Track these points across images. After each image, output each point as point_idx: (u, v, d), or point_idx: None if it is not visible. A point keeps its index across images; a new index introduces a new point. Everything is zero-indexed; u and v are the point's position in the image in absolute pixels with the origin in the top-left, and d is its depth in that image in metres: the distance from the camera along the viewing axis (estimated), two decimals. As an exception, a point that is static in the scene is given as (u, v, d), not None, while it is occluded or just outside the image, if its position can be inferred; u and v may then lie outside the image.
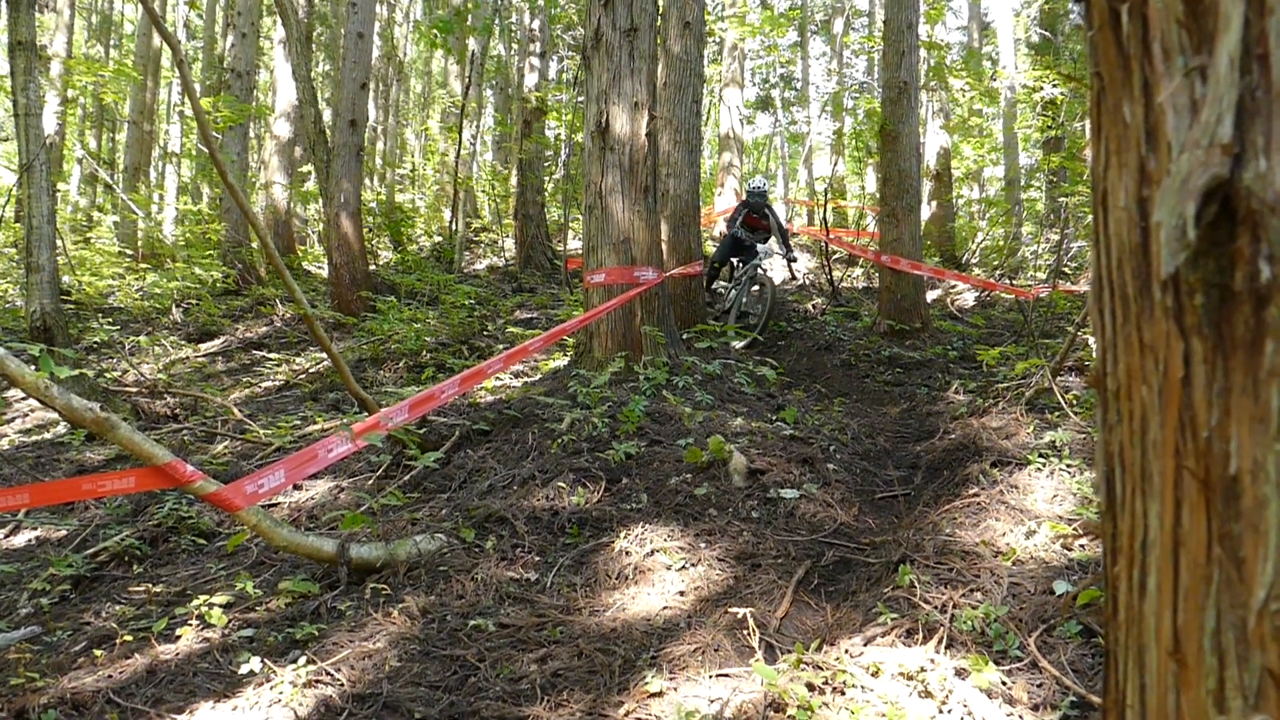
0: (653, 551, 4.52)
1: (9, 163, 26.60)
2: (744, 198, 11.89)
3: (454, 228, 16.59)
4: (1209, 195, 0.76)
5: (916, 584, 3.79)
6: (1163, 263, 0.81)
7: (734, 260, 11.77)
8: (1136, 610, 0.89)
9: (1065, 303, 10.45)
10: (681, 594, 4.21)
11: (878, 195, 12.41)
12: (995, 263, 15.92)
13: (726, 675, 3.44)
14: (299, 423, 7.50)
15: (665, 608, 4.11)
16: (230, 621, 4.17)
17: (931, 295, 13.16)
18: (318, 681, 3.60)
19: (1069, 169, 13.97)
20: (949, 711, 3.01)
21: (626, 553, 4.57)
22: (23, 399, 9.99)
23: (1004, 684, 3.10)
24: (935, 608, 3.61)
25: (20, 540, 5.94)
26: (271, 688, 3.55)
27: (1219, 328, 0.78)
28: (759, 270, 10.92)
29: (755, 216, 11.52)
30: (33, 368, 3.85)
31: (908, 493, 5.31)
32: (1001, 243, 16.61)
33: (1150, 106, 0.86)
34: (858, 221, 20.88)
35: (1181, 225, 0.78)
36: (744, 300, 10.93)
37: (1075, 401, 5.92)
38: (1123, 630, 0.92)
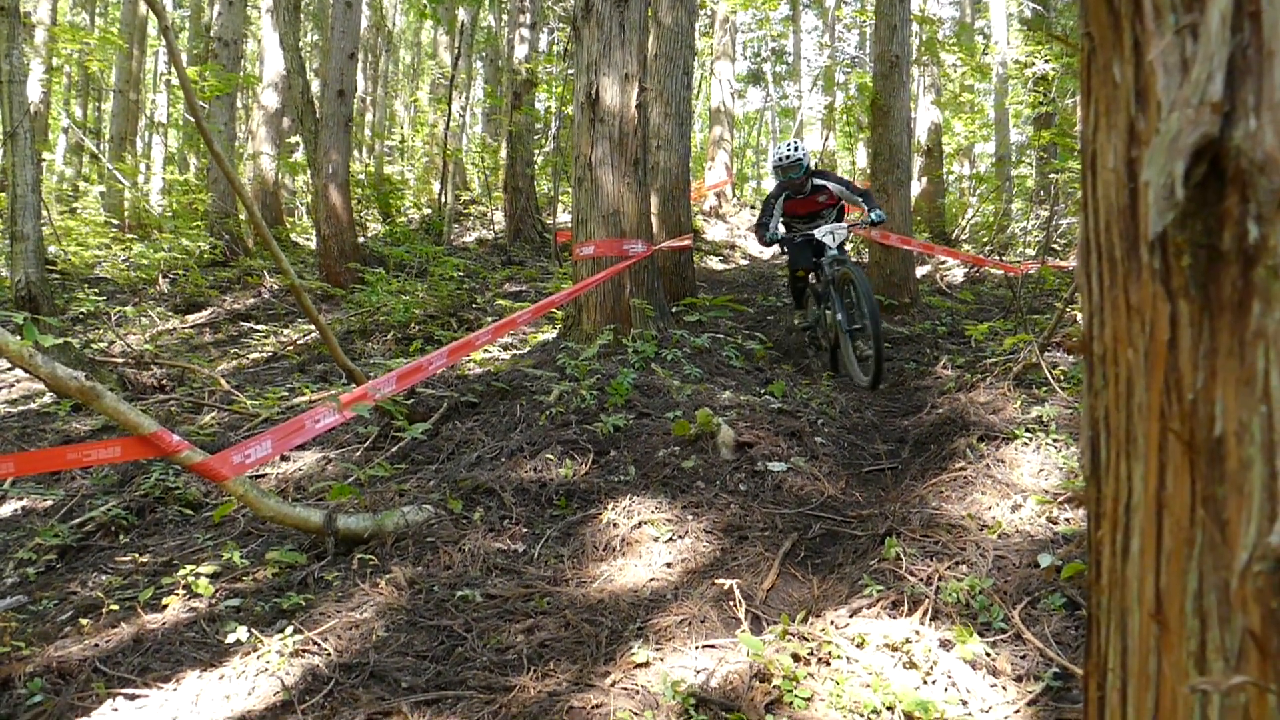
0: (640, 523, 4.53)
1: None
2: (778, 176, 8.14)
3: (443, 200, 16.51)
4: (1198, 154, 0.76)
5: (902, 556, 3.80)
6: (1150, 223, 0.80)
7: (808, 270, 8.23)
8: (1119, 574, 0.89)
9: (1054, 279, 10.46)
10: (669, 566, 4.22)
11: (868, 170, 12.33)
12: (985, 239, 15.93)
13: (713, 646, 3.45)
14: (286, 394, 7.48)
15: (652, 579, 4.12)
16: (217, 591, 4.17)
17: (921, 271, 13.16)
18: (305, 651, 3.60)
19: (1060, 145, 13.96)
20: (933, 682, 3.03)
21: (614, 524, 4.57)
22: (8, 369, 9.94)
23: (988, 655, 3.11)
24: (921, 580, 3.63)
25: (6, 510, 5.92)
26: (258, 657, 3.55)
27: (1206, 289, 0.77)
28: (839, 269, 7.56)
29: (801, 199, 8.09)
30: (17, 336, 3.82)
31: (895, 466, 5.33)
32: (991, 219, 16.61)
33: (1140, 66, 0.85)
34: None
35: (1170, 185, 0.77)
36: (843, 324, 7.57)
37: (1063, 377, 5.93)
38: (1105, 594, 0.92)
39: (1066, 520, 4.05)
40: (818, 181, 8.04)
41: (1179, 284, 0.80)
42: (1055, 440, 4.89)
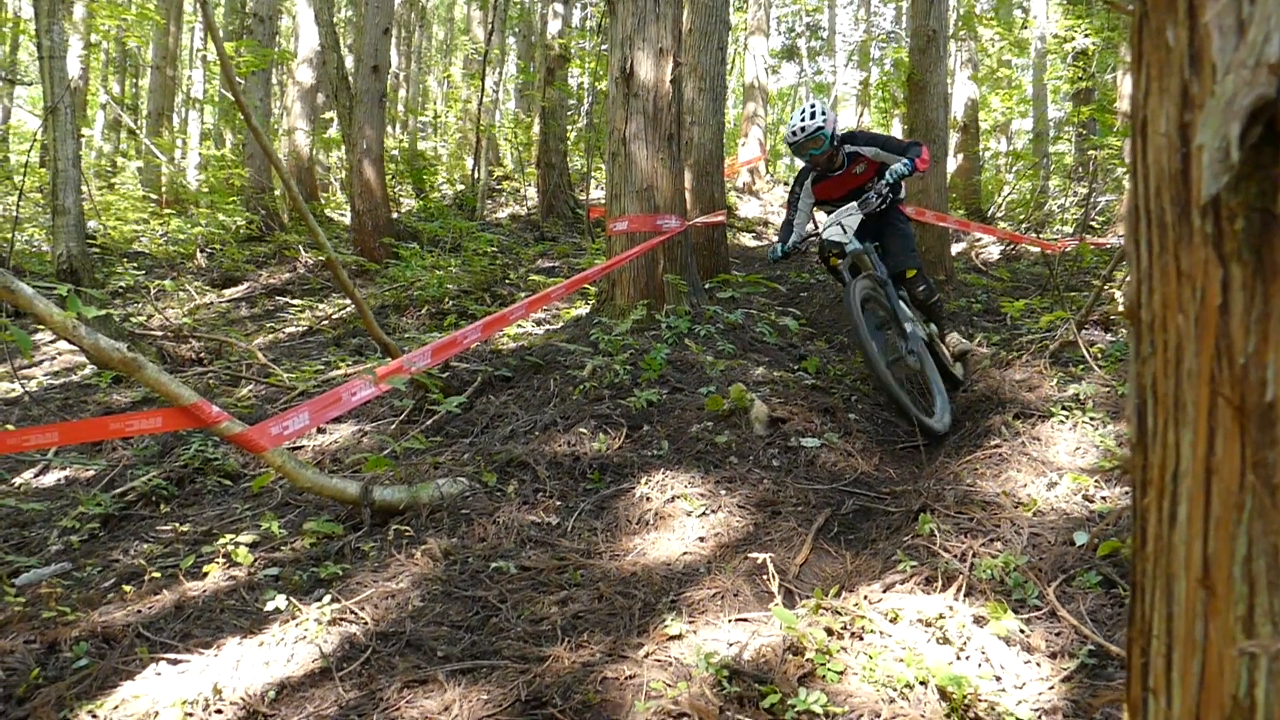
0: (673, 498, 4.54)
1: (33, 107, 26.66)
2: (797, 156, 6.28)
3: (476, 176, 16.54)
4: (1254, 116, 0.75)
5: (936, 532, 3.80)
6: (1203, 187, 0.80)
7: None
8: (1166, 541, 0.88)
9: (1092, 257, 10.34)
10: (701, 540, 4.23)
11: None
12: (1021, 216, 15.76)
13: (745, 620, 3.47)
14: (322, 367, 7.55)
15: (685, 553, 4.14)
16: (256, 560, 4.23)
17: (956, 249, 13.05)
18: (342, 619, 3.65)
19: (1099, 121, 13.75)
20: (967, 658, 3.03)
21: (647, 499, 4.59)
22: (50, 342, 10.09)
23: (1022, 632, 3.11)
24: (955, 556, 3.62)
25: (50, 479, 6.04)
26: (297, 625, 3.61)
27: (1259, 253, 0.77)
28: (873, 274, 5.86)
29: (834, 177, 6.23)
30: (61, 308, 3.88)
31: (928, 443, 5.31)
32: (1028, 196, 16.42)
33: (1195, 29, 0.84)
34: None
35: (1225, 147, 0.77)
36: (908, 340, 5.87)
37: (1100, 355, 5.88)
38: (1151, 562, 0.92)
39: (1103, 498, 4.02)
40: (850, 149, 6.06)
41: (1231, 248, 0.79)
42: (1092, 418, 4.85)
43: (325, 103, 18.75)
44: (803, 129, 5.95)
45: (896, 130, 23.62)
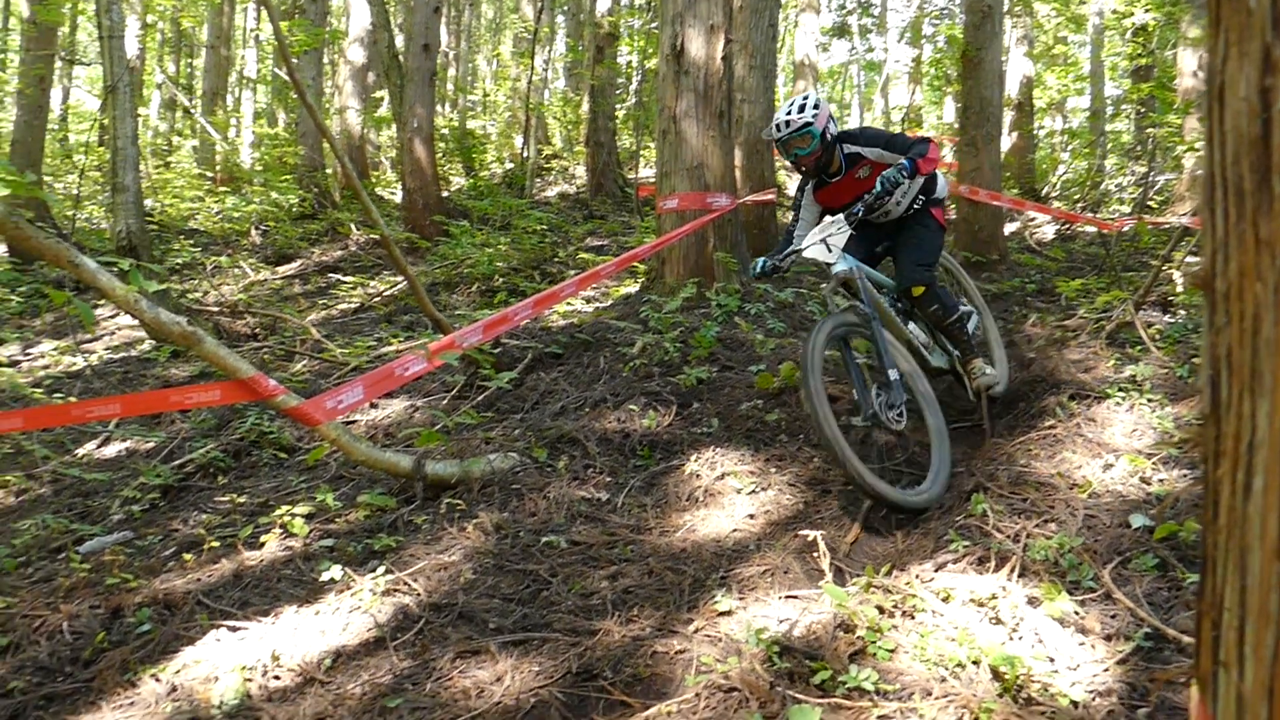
0: (723, 475, 4.55)
1: (91, 87, 27.10)
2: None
3: (525, 154, 16.58)
4: (1342, 78, 0.73)
5: (989, 513, 3.76)
6: (1286, 152, 0.78)
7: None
8: (1240, 513, 0.87)
9: (1150, 236, 10.15)
10: (751, 517, 4.23)
11: (956, 124, 12.01)
12: (1077, 196, 15.49)
13: (795, 597, 3.47)
14: (374, 344, 7.63)
15: (735, 530, 4.15)
16: (311, 532, 4.31)
17: (1009, 228, 12.86)
18: (395, 590, 3.71)
19: (1159, 98, 13.45)
20: (1020, 638, 3.00)
21: (697, 475, 4.60)
22: (110, 317, 10.30)
23: (1077, 614, 3.08)
24: (1008, 537, 3.59)
25: (111, 451, 6.17)
26: (352, 595, 3.67)
27: (1344, 219, 0.75)
28: (856, 306, 4.79)
29: (834, 183, 5.12)
30: (122, 283, 3.96)
31: (981, 423, 5.25)
32: (1084, 175, 16.13)
33: (1279, -9, 0.82)
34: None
35: (1310, 111, 0.75)
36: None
37: (1158, 336, 5.78)
38: (1223, 534, 0.91)
39: (1161, 481, 3.96)
40: (851, 149, 4.99)
41: (1314, 215, 0.78)
42: (1150, 400, 4.77)
43: (376, 81, 18.88)
44: (787, 123, 4.82)
45: (949, 109, 23.30)
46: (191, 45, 26.44)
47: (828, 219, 4.83)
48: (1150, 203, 13.41)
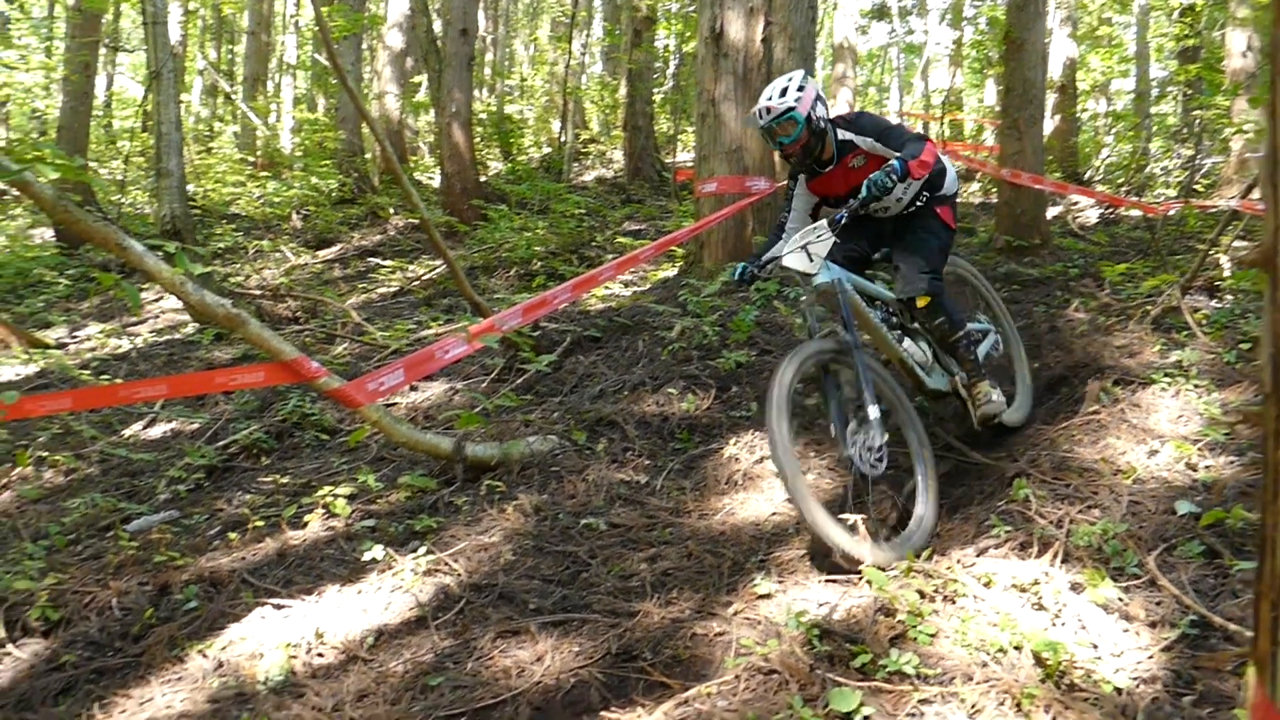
0: (762, 459, 4.54)
1: (134, 74, 27.40)
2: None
3: (563, 139, 16.58)
4: None
5: (1032, 498, 3.73)
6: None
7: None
8: (1301, 493, 0.86)
9: (1197, 221, 9.97)
10: (790, 501, 4.22)
11: (998, 107, 11.84)
12: (1120, 180, 15.24)
13: (835, 580, 3.47)
14: (414, 327, 7.68)
15: (774, 514, 4.14)
16: (353, 512, 4.35)
17: (1052, 212, 12.70)
18: (436, 571, 3.74)
19: (1206, 80, 13.20)
20: (1063, 624, 2.98)
21: (736, 459, 4.60)
22: (153, 300, 10.43)
23: (1121, 601, 3.05)
24: (1051, 522, 3.56)
25: (156, 432, 6.26)
26: (394, 574, 3.71)
27: None
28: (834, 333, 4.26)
29: (827, 173, 4.51)
30: (168, 266, 4.01)
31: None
32: (1128, 159, 15.87)
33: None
34: (975, 135, 20.18)
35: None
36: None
37: (1205, 321, 5.68)
38: (1283, 515, 0.89)
39: (1207, 467, 3.91)
40: (844, 136, 4.40)
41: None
42: (1196, 386, 4.70)
43: (414, 66, 18.92)
44: (768, 110, 4.25)
45: (990, 92, 23.02)
46: (232, 31, 26.65)
47: (811, 226, 4.23)
48: (1197, 186, 13.17)
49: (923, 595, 3.12)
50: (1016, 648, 2.81)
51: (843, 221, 4.12)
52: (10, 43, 15.99)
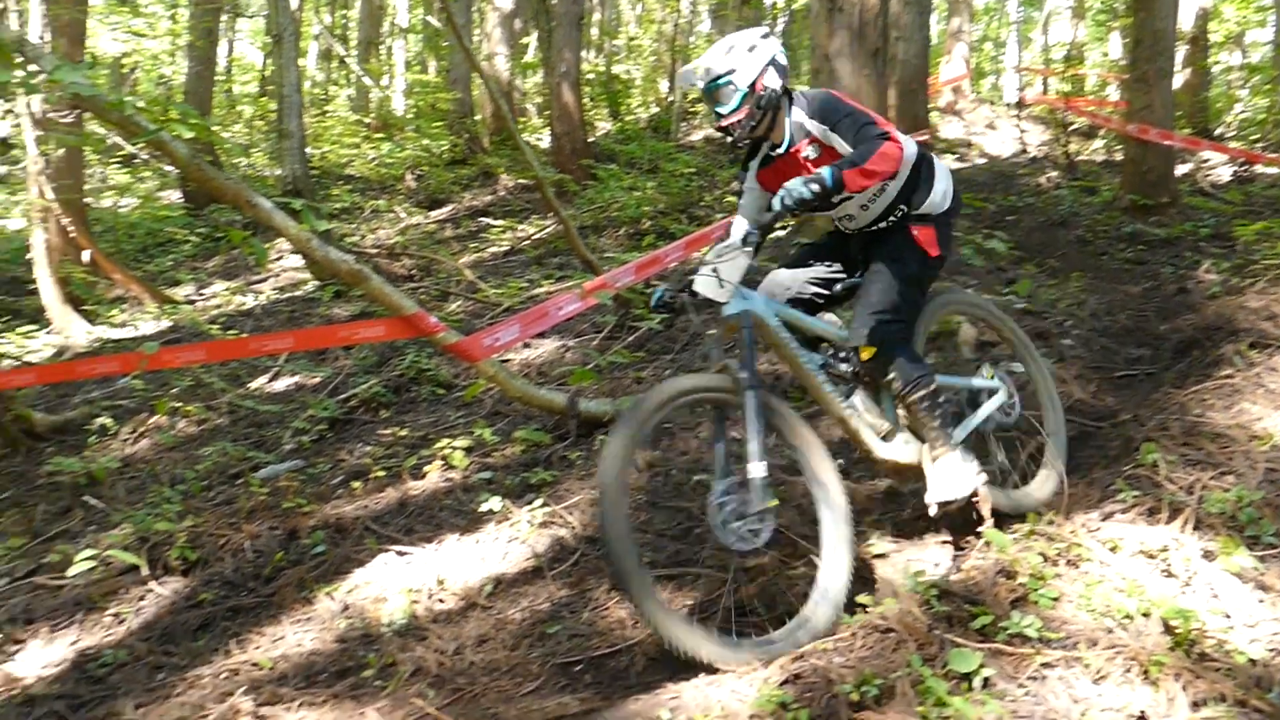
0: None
1: (254, 40, 28.14)
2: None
3: (671, 99, 16.49)
4: None
5: (1161, 464, 3.60)
6: None
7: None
8: None
9: (1339, 177, 9.45)
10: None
11: (1126, 60, 11.35)
12: (1256, 136, 14.50)
13: (952, 542, 3.42)
14: (526, 285, 7.78)
15: (889, 475, 4.09)
16: (470, 464, 4.46)
17: (1181, 170, 12.17)
18: (551, 523, 3.81)
19: (1354, 28, 12.42)
20: (1193, 592, 2.89)
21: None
22: (275, 259, 10.77)
23: (1256, 570, 2.93)
24: (1181, 489, 3.43)
25: (280, 385, 6.49)
26: (510, 525, 3.79)
27: None
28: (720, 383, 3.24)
29: (776, 160, 3.51)
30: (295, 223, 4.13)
31: (1151, 372, 5.02)
32: (1265, 114, 15.08)
33: None
34: (1098, 91, 19.41)
35: None
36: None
37: (1349, 282, 5.40)
38: None
39: (1350, 434, 3.72)
40: (799, 118, 3.42)
41: None
42: (1340, 349, 4.48)
43: (523, 28, 19.02)
44: (706, 70, 3.36)
45: (1115, 44, 22.07)
46: (346, -4, 27.12)
47: (724, 243, 3.37)
48: (1339, 142, 12.46)
49: (1045, 558, 3.05)
50: (1144, 614, 2.73)
51: (753, 240, 3.28)
52: (138, 10, 16.54)
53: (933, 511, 3.39)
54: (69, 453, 5.57)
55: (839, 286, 3.64)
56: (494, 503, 3.92)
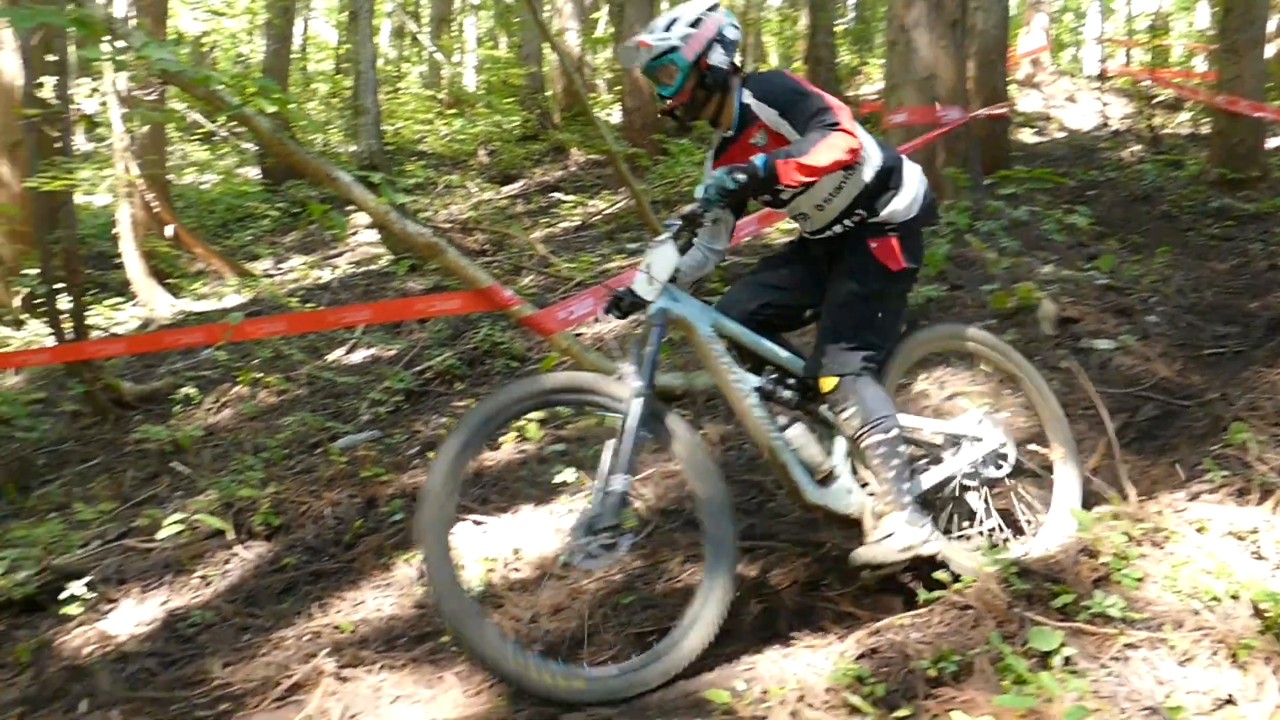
0: (953, 395, 4.43)
1: (329, 18, 28.50)
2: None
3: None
4: None
5: (1251, 444, 3.50)
6: None
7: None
8: None
9: None
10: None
11: (1214, 29, 10.99)
12: (1353, 107, 13.92)
13: (1032, 521, 3.37)
14: (598, 260, 7.80)
15: (967, 450, 4.03)
16: (544, 436, 4.49)
17: (1272, 143, 11.75)
18: (626, 494, 3.82)
19: None
20: (1285, 576, 2.81)
21: (925, 395, 4.50)
22: (351, 234, 10.94)
23: (1350, 553, 2.84)
24: (1272, 469, 3.34)
25: (357, 357, 6.61)
26: (584, 497, 3.81)
27: None
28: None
29: (728, 142, 3.16)
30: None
31: (1240, 350, 4.88)
32: (1363, 84, 14.48)
33: None
34: (1184, 62, 18.81)
35: None
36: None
37: None
38: None
39: None
40: (748, 99, 3.05)
41: None
42: None
43: (593, 3, 18.98)
44: (647, 48, 2.97)
45: (1203, 13, 21.36)
46: (420, -28, 27.30)
47: (659, 237, 2.97)
48: None
49: (1129, 538, 2.99)
50: (1233, 596, 2.66)
51: (676, 230, 2.92)
52: (217, -11, 16.83)
53: (863, 574, 3.01)
54: (156, 421, 5.75)
55: (808, 313, 3.29)
56: (568, 474, 3.95)
